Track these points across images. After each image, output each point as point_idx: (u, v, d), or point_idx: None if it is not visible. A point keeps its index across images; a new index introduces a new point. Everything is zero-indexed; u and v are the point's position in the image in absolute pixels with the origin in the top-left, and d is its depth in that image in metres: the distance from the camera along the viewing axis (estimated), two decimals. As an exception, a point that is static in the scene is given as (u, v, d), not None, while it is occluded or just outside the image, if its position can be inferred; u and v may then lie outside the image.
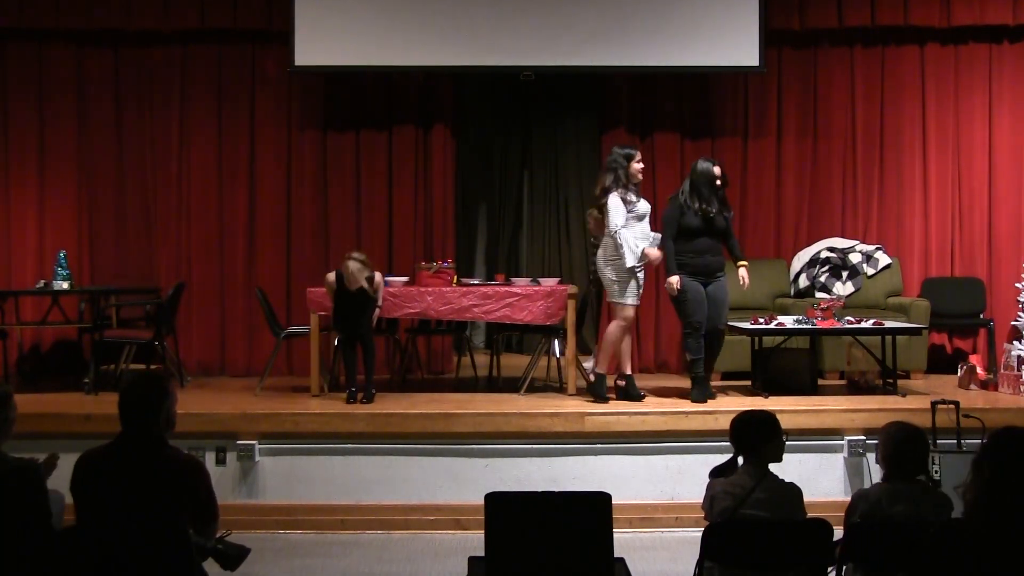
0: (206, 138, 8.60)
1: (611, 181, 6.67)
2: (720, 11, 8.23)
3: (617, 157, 6.73)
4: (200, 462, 3.85)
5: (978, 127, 8.72)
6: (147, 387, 3.68)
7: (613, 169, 6.69)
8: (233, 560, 3.73)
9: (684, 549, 5.54)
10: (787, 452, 3.95)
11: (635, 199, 6.70)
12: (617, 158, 6.72)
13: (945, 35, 8.67)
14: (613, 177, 6.67)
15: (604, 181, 6.73)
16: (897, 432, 3.84)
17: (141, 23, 8.36)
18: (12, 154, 8.54)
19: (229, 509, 5.56)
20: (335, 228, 8.61)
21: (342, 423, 6.33)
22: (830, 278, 8.28)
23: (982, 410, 6.10)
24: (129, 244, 8.58)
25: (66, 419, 6.32)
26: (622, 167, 6.68)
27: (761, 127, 8.77)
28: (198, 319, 8.49)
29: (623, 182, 6.66)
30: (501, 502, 3.61)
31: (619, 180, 6.65)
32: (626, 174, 6.67)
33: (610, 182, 6.67)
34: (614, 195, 6.64)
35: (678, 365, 8.60)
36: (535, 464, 6.26)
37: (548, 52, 8.22)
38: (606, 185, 6.69)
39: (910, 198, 8.75)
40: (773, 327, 7.05)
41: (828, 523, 3.52)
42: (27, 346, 8.38)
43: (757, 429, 3.89)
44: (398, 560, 5.60)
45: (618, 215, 6.59)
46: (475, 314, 7.03)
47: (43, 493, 3.61)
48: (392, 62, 8.26)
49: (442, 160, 8.66)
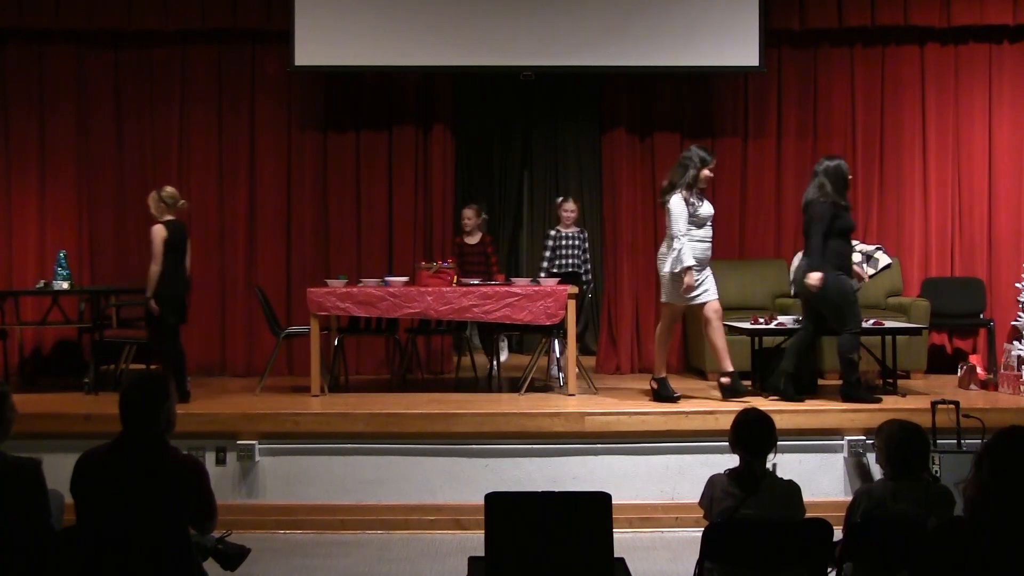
0: (206, 138, 8.60)
1: (679, 179, 6.58)
2: (720, 11, 8.23)
3: (693, 156, 6.63)
4: (200, 462, 3.85)
5: (978, 127, 8.72)
6: (147, 387, 3.68)
7: (685, 167, 6.60)
8: (233, 560, 3.74)
9: (684, 549, 5.54)
10: (787, 452, 3.96)
11: (698, 202, 6.59)
12: (693, 157, 6.63)
13: (945, 35, 8.67)
14: (683, 175, 6.57)
15: (673, 177, 6.63)
16: (897, 431, 3.84)
17: (141, 23, 8.36)
18: (12, 154, 8.54)
19: (229, 509, 5.58)
20: (335, 228, 8.61)
21: (342, 423, 6.33)
22: (830, 278, 8.27)
23: (982, 410, 6.10)
24: (129, 244, 8.58)
25: (66, 419, 6.32)
26: (695, 167, 6.59)
27: (761, 127, 8.77)
28: (198, 319, 8.48)
29: (690, 183, 6.57)
30: (501, 502, 3.61)
31: (687, 180, 6.56)
32: (696, 177, 6.59)
33: (678, 179, 6.58)
34: (678, 196, 6.54)
35: (678, 365, 8.60)
36: (535, 464, 6.26)
37: (548, 52, 8.22)
38: (674, 181, 6.60)
39: (910, 198, 8.75)
40: (773, 327, 7.05)
41: (828, 523, 3.52)
42: (27, 346, 8.38)
43: (753, 428, 3.89)
44: (398, 560, 5.60)
45: (680, 220, 6.49)
46: (475, 314, 7.03)
47: (43, 493, 3.61)
48: (392, 62, 8.26)
49: (442, 160, 8.66)
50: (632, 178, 8.69)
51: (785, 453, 3.95)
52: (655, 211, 8.72)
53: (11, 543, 3.42)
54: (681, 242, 6.49)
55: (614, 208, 8.71)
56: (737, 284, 8.37)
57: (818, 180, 6.62)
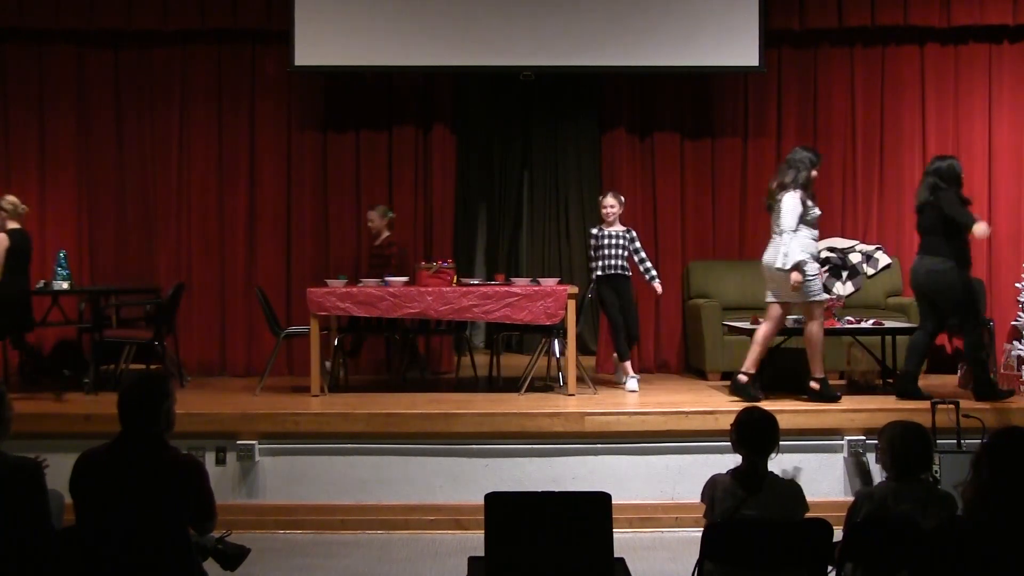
0: (206, 138, 8.60)
1: (790, 179, 6.55)
2: (720, 11, 8.23)
3: (802, 157, 6.62)
4: (199, 461, 3.85)
5: (978, 127, 8.72)
6: (147, 387, 3.68)
7: (795, 168, 6.58)
8: (233, 560, 3.73)
9: (684, 549, 5.54)
10: (787, 452, 3.95)
11: (811, 203, 6.58)
12: (802, 158, 6.61)
13: (945, 35, 8.67)
14: (794, 176, 6.55)
15: (783, 178, 6.60)
16: (901, 432, 3.84)
17: (141, 23, 8.36)
18: (12, 154, 8.54)
19: (229, 509, 5.58)
20: (335, 228, 8.61)
21: (342, 423, 6.33)
22: (830, 278, 8.28)
23: (982, 410, 6.10)
24: (129, 244, 8.58)
25: (66, 419, 6.32)
26: (806, 168, 6.58)
27: (761, 127, 8.77)
28: (198, 319, 8.49)
29: (802, 183, 6.54)
30: (501, 502, 3.61)
31: (798, 180, 6.54)
32: (808, 178, 6.57)
33: (789, 180, 6.55)
34: (792, 194, 6.51)
35: (678, 365, 8.61)
36: (535, 464, 6.26)
37: (548, 52, 8.22)
38: (784, 182, 6.57)
39: (910, 198, 8.67)
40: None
41: (828, 523, 3.52)
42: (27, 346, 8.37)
43: (757, 428, 3.89)
44: (398, 560, 5.60)
45: (793, 216, 6.46)
46: (475, 314, 7.03)
47: (43, 493, 3.60)
48: (392, 62, 8.26)
49: (442, 160, 8.66)
50: (632, 178, 8.68)
51: (785, 453, 3.93)
52: (655, 211, 8.73)
53: (11, 543, 3.41)
54: (792, 237, 6.44)
55: (614, 208, 8.70)
56: (737, 284, 8.37)
57: (930, 181, 6.62)
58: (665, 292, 7.86)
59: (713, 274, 8.47)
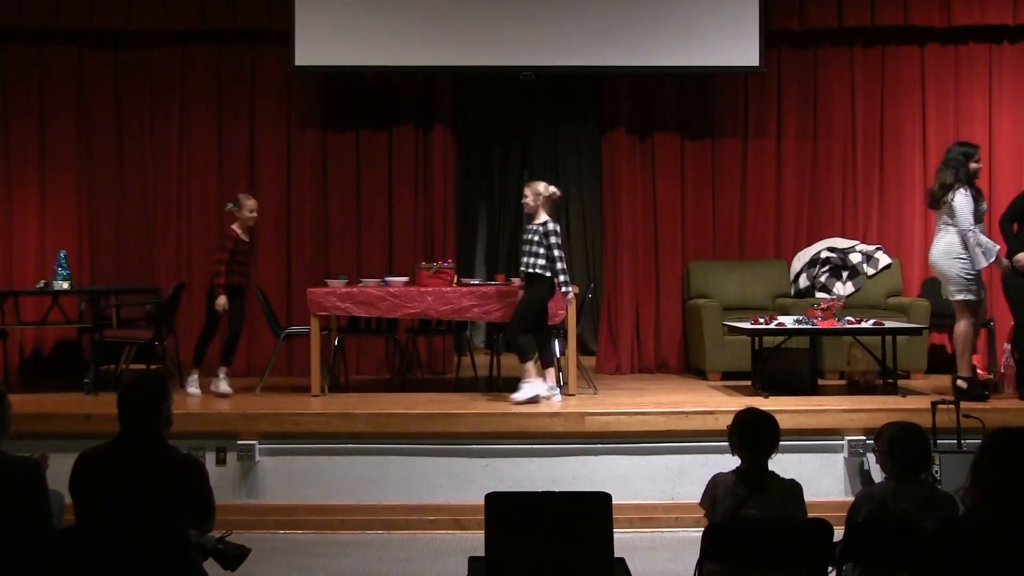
0: (206, 138, 8.60)
1: (953, 178, 6.59)
2: (720, 11, 8.24)
3: (956, 154, 6.67)
4: (199, 461, 3.85)
5: (978, 127, 8.71)
6: (147, 387, 3.68)
7: (953, 166, 6.63)
8: (233, 560, 3.73)
9: (684, 549, 5.54)
10: (787, 452, 3.95)
11: (978, 196, 6.63)
12: (957, 155, 6.66)
13: (945, 35, 8.67)
14: (954, 174, 6.60)
15: (945, 178, 6.64)
16: (899, 433, 3.83)
17: (141, 23, 8.36)
18: (13, 154, 8.54)
19: (229, 509, 5.59)
20: (335, 228, 8.61)
21: (342, 423, 6.33)
22: (830, 278, 8.28)
23: (982, 410, 6.10)
24: (129, 244, 8.58)
25: (66, 419, 6.32)
26: (962, 164, 6.61)
27: (761, 127, 8.77)
28: (198, 319, 8.46)
29: (963, 179, 6.59)
30: (501, 502, 3.61)
31: (959, 176, 6.58)
32: (968, 172, 6.61)
33: (951, 179, 6.60)
34: (962, 192, 6.56)
35: (678, 365, 8.60)
36: (535, 464, 6.26)
37: (548, 52, 8.22)
38: (948, 182, 6.61)
39: (910, 198, 8.74)
40: (773, 327, 7.04)
41: (828, 523, 3.52)
42: (27, 346, 8.37)
43: (757, 428, 3.89)
44: (398, 560, 5.60)
45: (967, 214, 6.53)
46: (475, 314, 7.03)
47: (43, 492, 3.60)
48: (392, 62, 8.26)
49: (442, 160, 8.66)
50: (632, 178, 8.68)
51: (785, 453, 3.93)
52: (655, 211, 8.73)
53: (11, 543, 3.41)
54: (976, 234, 6.53)
55: (614, 208, 8.71)
56: (737, 284, 8.38)
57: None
58: (665, 292, 7.85)
59: (713, 274, 8.47)
